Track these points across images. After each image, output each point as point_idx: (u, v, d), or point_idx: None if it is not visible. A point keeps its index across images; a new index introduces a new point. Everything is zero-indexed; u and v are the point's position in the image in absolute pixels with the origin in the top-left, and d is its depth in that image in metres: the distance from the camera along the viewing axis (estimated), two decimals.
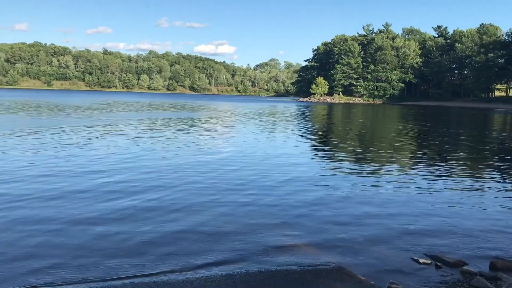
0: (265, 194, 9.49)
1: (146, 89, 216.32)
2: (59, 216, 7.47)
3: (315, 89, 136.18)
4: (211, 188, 9.84)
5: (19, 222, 7.06)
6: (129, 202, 8.50)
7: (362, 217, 7.95)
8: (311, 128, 29.63)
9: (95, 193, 9.10)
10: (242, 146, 17.91)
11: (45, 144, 16.37)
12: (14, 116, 31.10)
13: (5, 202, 8.22)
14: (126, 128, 23.95)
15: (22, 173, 10.88)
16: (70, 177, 10.57)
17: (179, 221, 7.39)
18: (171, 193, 9.26)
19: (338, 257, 6.06)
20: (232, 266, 5.68)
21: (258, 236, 6.80)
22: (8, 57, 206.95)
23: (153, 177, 10.90)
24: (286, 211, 8.22)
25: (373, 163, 14.61)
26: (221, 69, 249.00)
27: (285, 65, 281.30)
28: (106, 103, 60.71)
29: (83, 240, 6.43)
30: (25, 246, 6.09)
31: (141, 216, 7.61)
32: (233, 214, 7.91)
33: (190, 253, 6.04)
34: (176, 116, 37.79)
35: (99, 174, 11.05)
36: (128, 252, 6.00)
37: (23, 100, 60.76)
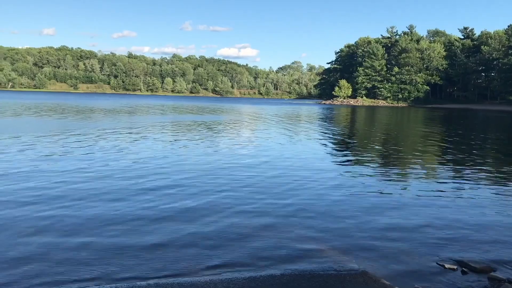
0: (288, 197, 9.49)
1: (170, 92, 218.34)
2: (121, 215, 7.71)
3: (338, 92, 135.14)
4: (232, 190, 9.89)
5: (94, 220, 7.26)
6: (164, 202, 8.64)
7: (386, 222, 7.89)
8: (334, 131, 29.45)
9: (131, 194, 9.32)
10: (266, 149, 17.91)
11: (92, 147, 16.79)
12: (53, 119, 31.85)
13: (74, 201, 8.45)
14: (157, 132, 24.24)
15: (83, 174, 11.21)
16: (120, 179, 10.83)
17: (202, 224, 7.47)
18: (202, 196, 9.36)
19: (362, 261, 6.03)
20: (256, 268, 5.71)
21: (282, 239, 6.81)
22: (36, 61, 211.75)
23: (184, 181, 11.04)
24: (310, 214, 8.21)
25: (397, 168, 14.46)
26: (244, 72, 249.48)
27: (307, 68, 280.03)
28: (133, 107, 61.49)
29: (134, 239, 6.63)
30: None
31: (175, 218, 7.75)
32: (256, 217, 7.94)
33: (213, 255, 6.10)
34: (201, 119, 38.05)
35: (138, 176, 11.27)
36: (152, 252, 6.10)
37: (54, 103, 62.03)
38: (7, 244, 6.31)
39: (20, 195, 8.95)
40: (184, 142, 19.25)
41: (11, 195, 8.95)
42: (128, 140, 19.38)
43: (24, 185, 9.89)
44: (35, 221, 7.36)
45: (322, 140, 22.76)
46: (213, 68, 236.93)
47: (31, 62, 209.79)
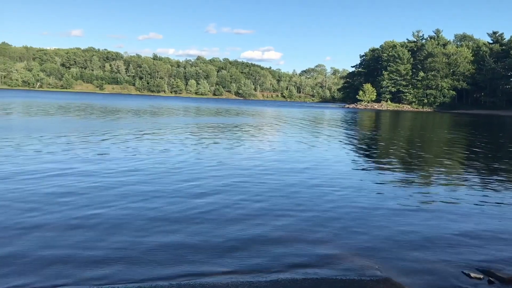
0: (312, 202, 9.44)
1: (193, 94, 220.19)
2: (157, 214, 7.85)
3: (362, 96, 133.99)
4: (257, 194, 9.90)
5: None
6: (190, 205, 8.74)
7: (410, 228, 7.79)
8: (358, 135, 29.22)
9: (171, 194, 9.44)
10: (290, 153, 17.88)
11: (139, 148, 17.12)
12: (88, 119, 32.50)
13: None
14: (188, 133, 24.46)
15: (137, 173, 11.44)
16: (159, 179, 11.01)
17: (226, 226, 7.50)
18: (227, 199, 9.40)
19: (385, 268, 5.97)
20: (278, 272, 5.70)
21: (305, 244, 6.80)
22: (63, 62, 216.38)
23: (205, 182, 11.14)
24: (333, 220, 8.17)
25: (422, 173, 14.26)
26: (267, 75, 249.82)
27: (331, 71, 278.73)
28: (159, 108, 62.15)
29: (160, 238, 6.75)
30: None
31: (203, 218, 7.82)
32: (279, 220, 7.93)
33: (236, 257, 6.12)
34: (226, 121, 38.24)
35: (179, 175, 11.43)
36: (175, 252, 6.16)
37: (83, 104, 63.21)
38: (91, 240, 6.52)
39: (81, 196, 9.14)
40: (213, 145, 19.23)
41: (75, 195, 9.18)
42: (159, 142, 19.52)
43: (82, 184, 10.13)
44: (104, 221, 7.54)
45: (346, 144, 22.60)
46: (237, 71, 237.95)
47: (59, 63, 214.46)
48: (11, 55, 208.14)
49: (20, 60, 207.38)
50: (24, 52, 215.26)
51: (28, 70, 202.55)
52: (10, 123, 26.43)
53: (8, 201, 8.46)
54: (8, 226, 7.01)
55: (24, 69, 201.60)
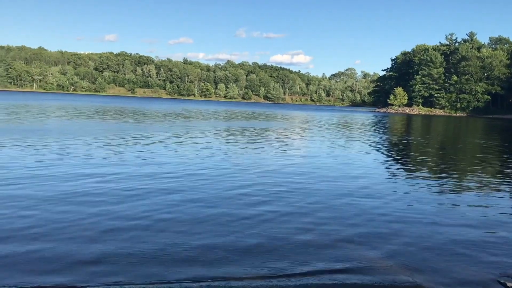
0: (342, 209, 9.38)
1: (222, 97, 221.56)
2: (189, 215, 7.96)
3: (393, 100, 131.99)
4: (288, 198, 9.90)
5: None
6: (224, 208, 8.83)
7: (442, 235, 7.65)
8: (389, 140, 28.81)
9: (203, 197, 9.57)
10: (319, 157, 17.82)
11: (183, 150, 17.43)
12: (126, 122, 33.26)
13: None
14: (222, 136, 24.72)
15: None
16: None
17: (256, 229, 7.56)
18: (261, 202, 9.49)
19: (417, 275, 5.87)
20: (307, 277, 5.69)
21: (335, 250, 6.77)
22: (97, 66, 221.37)
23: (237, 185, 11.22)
24: (364, 226, 8.11)
25: (454, 180, 13.95)
26: (296, 79, 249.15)
27: (361, 75, 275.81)
28: (191, 112, 62.86)
29: (212, 235, 6.93)
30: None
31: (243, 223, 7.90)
32: (311, 226, 7.93)
33: (266, 260, 6.15)
34: (258, 125, 38.35)
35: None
36: (205, 254, 6.24)
37: (119, 107, 64.55)
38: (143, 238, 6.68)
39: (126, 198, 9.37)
40: (252, 151, 19.34)
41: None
42: (201, 146, 19.75)
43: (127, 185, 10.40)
44: (150, 221, 7.74)
45: (377, 150, 22.30)
46: (266, 75, 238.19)
47: (92, 67, 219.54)
48: (47, 60, 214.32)
49: (55, 64, 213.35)
50: (59, 57, 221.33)
51: (62, 74, 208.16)
52: (55, 126, 27.23)
53: (78, 202, 8.79)
54: (78, 226, 7.29)
55: (59, 73, 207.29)
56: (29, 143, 17.42)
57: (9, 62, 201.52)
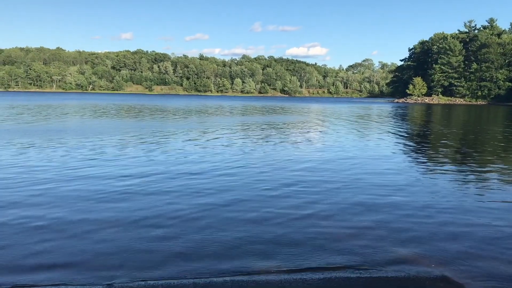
0: (366, 198, 9.34)
1: (239, 92, 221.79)
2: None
3: (412, 90, 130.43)
4: (310, 192, 9.86)
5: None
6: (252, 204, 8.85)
7: (468, 227, 7.55)
8: (408, 131, 28.46)
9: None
10: (338, 149, 17.72)
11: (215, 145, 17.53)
12: (150, 120, 33.61)
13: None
14: (246, 133, 24.80)
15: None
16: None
17: (282, 223, 7.56)
18: (288, 197, 9.48)
19: (442, 266, 5.79)
20: (332, 270, 5.67)
21: (358, 242, 6.72)
22: (114, 64, 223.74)
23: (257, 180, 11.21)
24: (387, 219, 8.02)
25: (478, 170, 13.68)
26: (313, 71, 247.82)
27: (379, 65, 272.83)
28: (210, 107, 63.16)
29: (237, 232, 6.98)
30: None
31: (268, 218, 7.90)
32: (331, 218, 7.90)
33: (290, 254, 6.14)
34: (271, 119, 38.32)
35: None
36: (230, 249, 6.26)
37: (139, 105, 65.24)
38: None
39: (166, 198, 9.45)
40: (266, 143, 19.44)
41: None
42: (228, 142, 19.90)
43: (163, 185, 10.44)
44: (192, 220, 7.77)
45: (398, 140, 22.05)
46: (282, 68, 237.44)
47: (110, 66, 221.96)
48: (65, 60, 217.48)
49: (73, 64, 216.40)
50: (77, 56, 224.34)
51: (81, 73, 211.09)
52: (84, 126, 27.73)
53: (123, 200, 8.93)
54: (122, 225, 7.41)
55: (77, 72, 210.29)
56: (66, 143, 17.68)
57: (28, 63, 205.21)
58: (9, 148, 16.08)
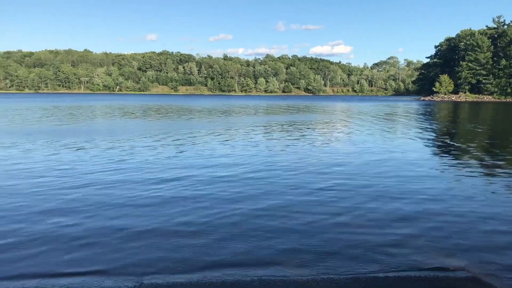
0: (392, 199, 9.34)
1: (262, 92, 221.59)
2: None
3: (439, 88, 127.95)
4: (342, 196, 9.85)
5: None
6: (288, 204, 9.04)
7: (500, 228, 7.52)
8: (438, 130, 28.01)
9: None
10: (362, 148, 17.63)
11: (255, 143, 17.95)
12: (182, 120, 34.24)
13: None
14: (273, 132, 25.01)
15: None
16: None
17: (309, 224, 7.63)
18: (319, 196, 9.53)
19: (474, 268, 5.85)
20: (358, 269, 5.75)
21: (386, 241, 6.78)
22: (140, 65, 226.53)
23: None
24: (419, 219, 8.03)
25: (506, 169, 13.51)
26: (337, 70, 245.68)
27: (404, 63, 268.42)
28: (237, 107, 63.37)
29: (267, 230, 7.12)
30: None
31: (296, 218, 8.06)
32: (363, 217, 7.97)
33: (320, 254, 6.24)
34: (297, 119, 38.29)
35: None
36: (259, 246, 6.41)
37: (167, 105, 66.00)
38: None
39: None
40: (294, 144, 19.48)
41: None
42: (260, 142, 20.09)
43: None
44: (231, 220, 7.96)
45: (428, 141, 21.63)
46: (306, 67, 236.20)
47: (136, 67, 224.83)
48: (93, 61, 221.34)
49: (100, 66, 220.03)
50: (104, 58, 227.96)
51: (108, 74, 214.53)
52: (112, 127, 28.35)
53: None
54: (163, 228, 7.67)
55: (104, 74, 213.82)
56: (99, 145, 18.03)
57: (57, 66, 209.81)
58: (44, 150, 16.51)
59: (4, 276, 5.48)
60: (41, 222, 7.50)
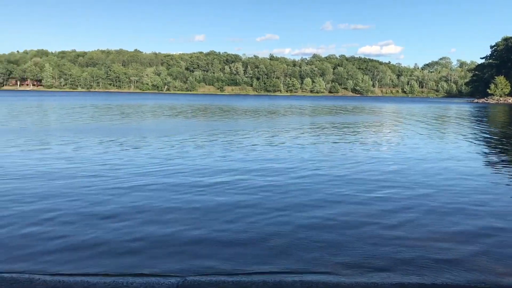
0: (449, 211, 8.85)
1: (308, 92, 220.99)
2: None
3: (494, 90, 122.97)
4: (391, 201, 9.60)
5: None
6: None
7: None
8: (493, 134, 26.76)
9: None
10: (415, 154, 17.12)
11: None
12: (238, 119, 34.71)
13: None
14: (312, 133, 24.84)
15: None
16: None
17: (351, 230, 7.45)
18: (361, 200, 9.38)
19: None
20: (404, 276, 5.51)
21: (433, 246, 6.49)
22: (188, 66, 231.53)
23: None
24: (463, 224, 7.68)
25: None
26: (386, 70, 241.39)
27: (457, 64, 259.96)
28: (283, 107, 63.63)
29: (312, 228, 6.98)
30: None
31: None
32: (409, 222, 7.70)
33: (367, 257, 6.07)
34: (344, 120, 37.83)
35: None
36: (307, 247, 6.27)
37: (215, 105, 67.26)
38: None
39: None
40: (342, 145, 19.33)
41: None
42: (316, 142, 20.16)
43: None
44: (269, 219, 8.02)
45: (483, 146, 20.71)
46: (353, 67, 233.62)
47: (184, 67, 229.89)
48: (142, 61, 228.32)
49: (149, 66, 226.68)
50: (153, 58, 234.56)
51: (157, 74, 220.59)
52: (165, 125, 29.25)
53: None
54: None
55: (153, 73, 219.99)
56: (151, 143, 18.53)
57: (108, 65, 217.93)
58: (99, 148, 16.92)
59: (69, 273, 5.54)
60: (91, 223, 7.54)
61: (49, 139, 19.31)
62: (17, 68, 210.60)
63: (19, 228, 7.07)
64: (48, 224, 7.37)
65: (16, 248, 6.22)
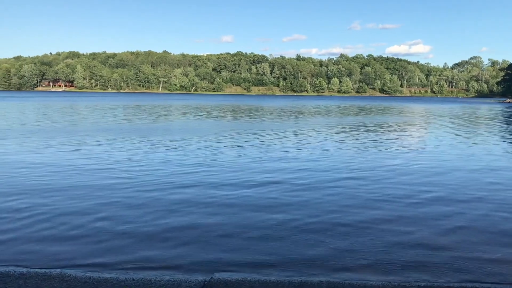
0: (469, 207, 9.07)
1: (335, 92, 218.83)
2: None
3: None
4: (407, 197, 9.79)
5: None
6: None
7: None
8: None
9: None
10: (440, 155, 17.12)
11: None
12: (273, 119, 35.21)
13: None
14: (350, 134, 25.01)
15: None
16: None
17: (369, 230, 7.61)
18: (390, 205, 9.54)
19: None
20: (432, 277, 5.67)
21: (464, 251, 6.63)
22: (215, 66, 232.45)
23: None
24: (495, 227, 7.77)
25: None
26: (415, 70, 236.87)
27: (489, 63, 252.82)
28: (310, 107, 63.44)
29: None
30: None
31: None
32: (432, 226, 7.80)
33: (374, 258, 6.22)
34: (372, 120, 37.61)
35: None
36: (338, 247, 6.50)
37: (245, 105, 67.66)
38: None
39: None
40: (372, 147, 19.42)
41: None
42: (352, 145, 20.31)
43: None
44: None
45: (507, 146, 20.54)
46: (381, 67, 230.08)
47: (211, 68, 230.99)
48: (170, 62, 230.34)
49: (178, 67, 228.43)
50: (181, 59, 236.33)
51: (184, 75, 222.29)
52: (200, 125, 29.69)
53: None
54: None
55: (181, 74, 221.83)
56: (182, 144, 19.04)
57: (138, 66, 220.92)
58: (133, 147, 17.64)
59: (102, 263, 5.97)
60: (121, 218, 8.00)
61: (110, 138, 20.78)
62: (50, 70, 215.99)
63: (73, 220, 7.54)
64: (96, 218, 7.94)
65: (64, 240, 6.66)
